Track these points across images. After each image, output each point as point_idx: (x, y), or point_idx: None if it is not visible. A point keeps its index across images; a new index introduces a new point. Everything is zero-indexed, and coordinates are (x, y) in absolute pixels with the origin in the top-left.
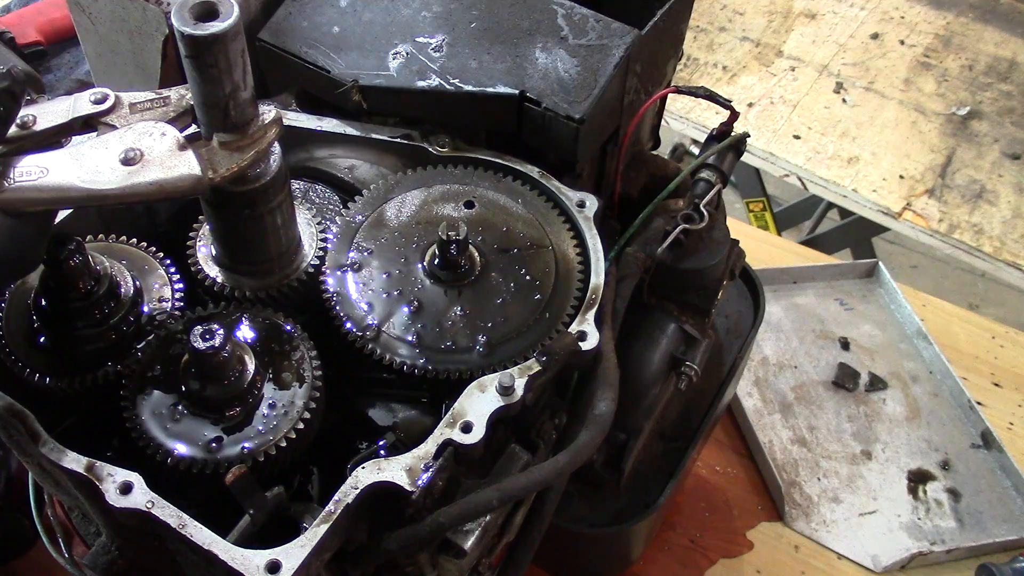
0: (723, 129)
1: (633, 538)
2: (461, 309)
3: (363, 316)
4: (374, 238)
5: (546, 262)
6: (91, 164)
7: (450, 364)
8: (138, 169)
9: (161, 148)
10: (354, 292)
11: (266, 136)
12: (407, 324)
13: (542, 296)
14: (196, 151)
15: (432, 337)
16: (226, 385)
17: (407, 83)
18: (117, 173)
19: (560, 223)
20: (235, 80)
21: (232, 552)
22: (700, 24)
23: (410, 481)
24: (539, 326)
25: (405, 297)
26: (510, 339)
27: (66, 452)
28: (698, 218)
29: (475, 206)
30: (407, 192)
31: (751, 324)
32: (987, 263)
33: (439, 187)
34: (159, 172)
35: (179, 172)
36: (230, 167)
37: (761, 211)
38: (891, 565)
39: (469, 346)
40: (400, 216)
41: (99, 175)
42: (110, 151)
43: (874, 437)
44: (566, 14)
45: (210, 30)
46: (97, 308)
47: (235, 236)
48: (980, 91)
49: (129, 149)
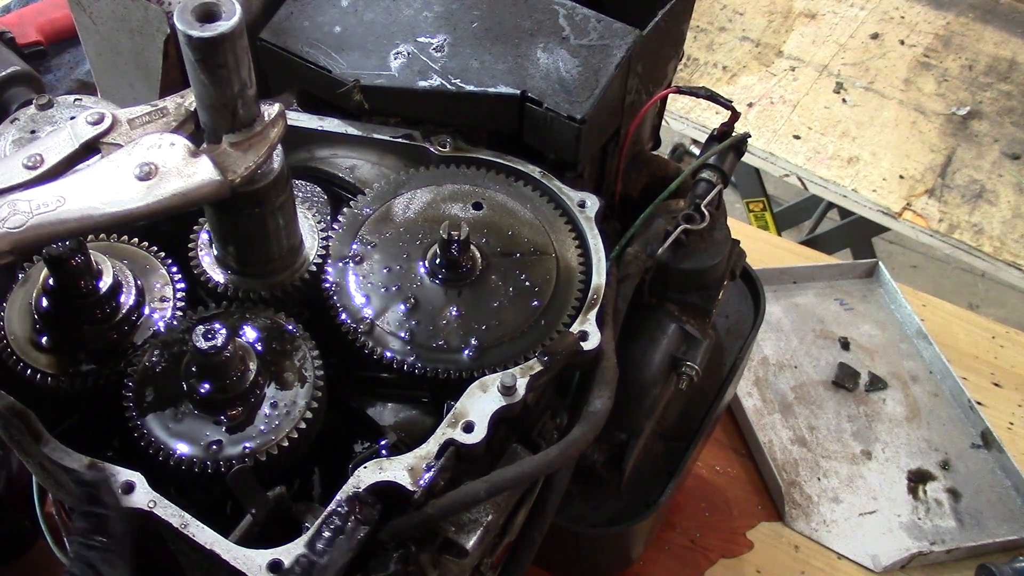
0: (724, 129)
1: (633, 538)
2: (457, 309)
3: (359, 309)
4: (379, 232)
5: (548, 269)
6: (108, 186)
7: (439, 364)
8: (157, 183)
9: (174, 158)
10: (353, 284)
11: (274, 131)
12: (401, 320)
13: (539, 303)
14: (210, 156)
15: (424, 335)
16: (228, 385)
17: (408, 83)
18: (137, 190)
19: (566, 231)
20: (243, 78)
21: (234, 552)
22: (700, 24)
23: (412, 481)
24: (533, 332)
25: (403, 293)
26: (502, 343)
27: (68, 452)
28: (699, 218)
29: (483, 208)
30: (417, 189)
31: (751, 324)
32: (987, 263)
33: (449, 186)
34: (179, 182)
35: (200, 179)
36: (247, 166)
37: (761, 211)
38: (891, 565)
39: (460, 347)
40: (407, 212)
41: (119, 195)
42: (123, 170)
43: (874, 437)
44: (567, 14)
45: (218, 30)
46: (98, 308)
47: (237, 236)
48: (980, 91)
49: (142, 164)
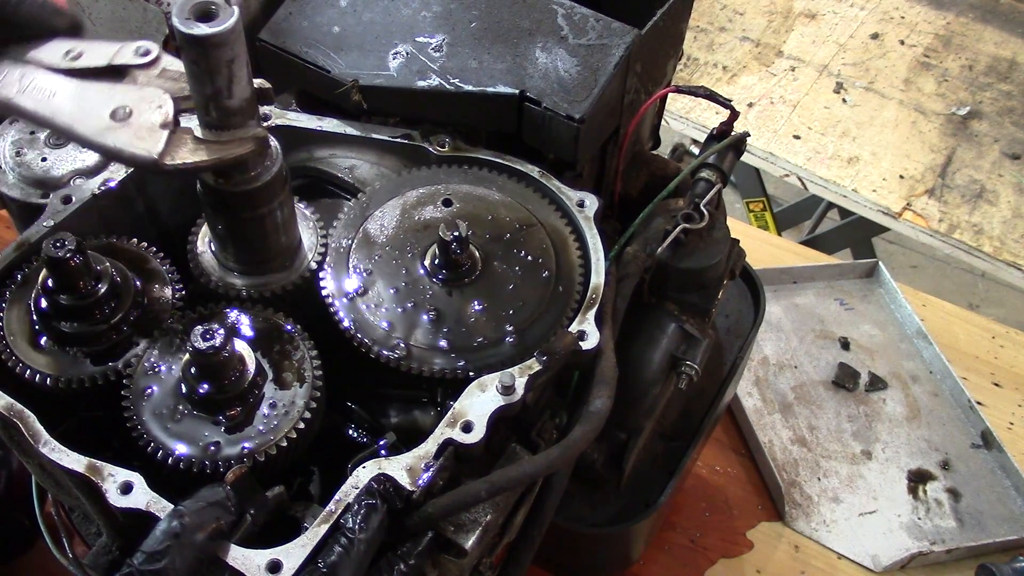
0: (723, 129)
1: (633, 538)
2: (479, 303)
3: (387, 337)
4: (368, 258)
5: (540, 239)
6: (87, 106)
7: (488, 359)
8: (117, 127)
9: (148, 118)
10: (369, 316)
11: (238, 149)
12: (432, 332)
13: (549, 272)
14: (174, 133)
15: (462, 338)
16: (227, 385)
17: (407, 83)
18: (99, 123)
19: (538, 198)
20: (217, 85)
21: (233, 552)
22: (700, 24)
23: (411, 481)
24: (557, 301)
25: (421, 307)
26: (535, 321)
27: (66, 452)
28: (698, 217)
29: (453, 203)
30: (383, 205)
31: (751, 324)
32: (987, 263)
33: (412, 193)
34: (128, 139)
35: (143, 147)
36: (185, 162)
37: (761, 211)
38: (891, 565)
39: (500, 337)
40: (386, 230)
41: (86, 117)
42: (107, 102)
43: (874, 437)
44: (566, 14)
45: (193, 30)
46: (98, 308)
47: (235, 236)
48: (980, 91)
49: (122, 107)
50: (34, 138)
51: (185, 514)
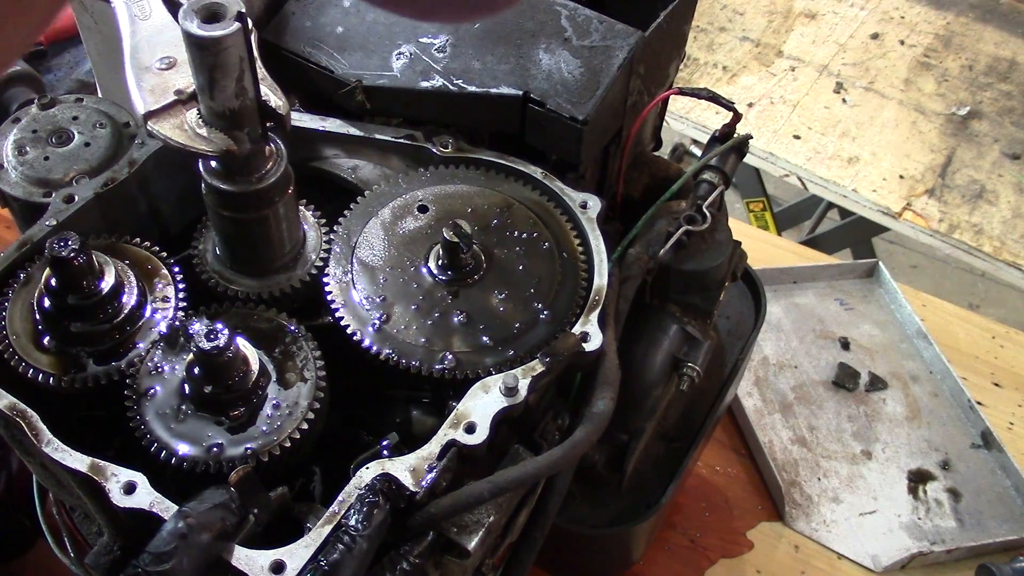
0: (726, 131)
1: (634, 538)
2: (499, 293)
3: (432, 353)
4: (375, 284)
5: (524, 216)
6: (156, 40)
7: (532, 342)
8: (152, 71)
9: (175, 79)
10: (405, 339)
11: (204, 147)
12: (471, 334)
13: (548, 244)
14: (179, 103)
15: (500, 332)
16: (230, 385)
17: (411, 84)
18: (148, 59)
19: (501, 179)
20: (199, 83)
21: (237, 552)
22: (700, 24)
23: (414, 481)
24: (568, 267)
25: (448, 314)
26: (557, 292)
27: (69, 451)
28: (701, 219)
29: (429, 207)
30: (364, 230)
31: (752, 325)
32: (987, 263)
33: (384, 211)
34: (150, 84)
35: (148, 98)
36: (165, 134)
37: (761, 211)
38: (891, 565)
39: (534, 319)
40: (379, 252)
41: (147, 48)
42: (168, 47)
43: (874, 437)
44: (570, 15)
45: (185, 25)
46: (100, 308)
47: (238, 236)
48: (980, 91)
49: (170, 57)
50: (36, 137)
51: (191, 515)
